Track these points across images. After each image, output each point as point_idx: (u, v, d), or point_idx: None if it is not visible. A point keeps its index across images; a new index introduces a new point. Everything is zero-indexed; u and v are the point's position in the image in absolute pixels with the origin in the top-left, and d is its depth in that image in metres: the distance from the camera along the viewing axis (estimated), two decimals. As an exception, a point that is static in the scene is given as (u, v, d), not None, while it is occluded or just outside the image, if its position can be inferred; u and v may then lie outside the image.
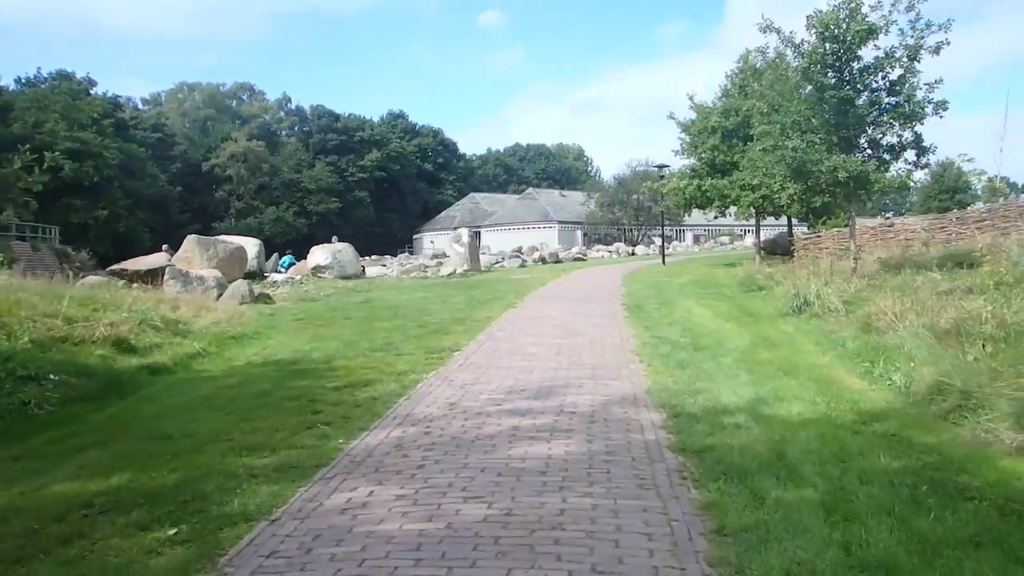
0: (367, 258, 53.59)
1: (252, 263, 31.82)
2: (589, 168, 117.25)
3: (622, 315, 16.58)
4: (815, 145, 16.65)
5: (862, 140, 17.31)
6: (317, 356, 12.17)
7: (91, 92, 73.48)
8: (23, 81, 72.21)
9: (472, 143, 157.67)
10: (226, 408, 8.74)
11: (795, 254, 29.26)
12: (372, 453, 6.74)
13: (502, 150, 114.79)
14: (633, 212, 66.22)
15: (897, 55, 16.48)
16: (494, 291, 23.86)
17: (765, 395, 8.42)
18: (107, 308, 14.43)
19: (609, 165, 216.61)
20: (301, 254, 39.06)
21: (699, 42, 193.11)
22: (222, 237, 32.84)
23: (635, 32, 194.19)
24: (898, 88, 16.64)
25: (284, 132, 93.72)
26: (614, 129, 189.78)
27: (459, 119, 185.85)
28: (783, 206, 20.39)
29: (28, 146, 31.23)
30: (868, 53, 16.83)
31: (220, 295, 22.56)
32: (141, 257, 26.85)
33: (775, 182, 19.00)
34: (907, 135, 16.86)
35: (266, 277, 30.42)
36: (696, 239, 72.78)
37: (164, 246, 39.99)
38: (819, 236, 27.95)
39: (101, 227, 62.13)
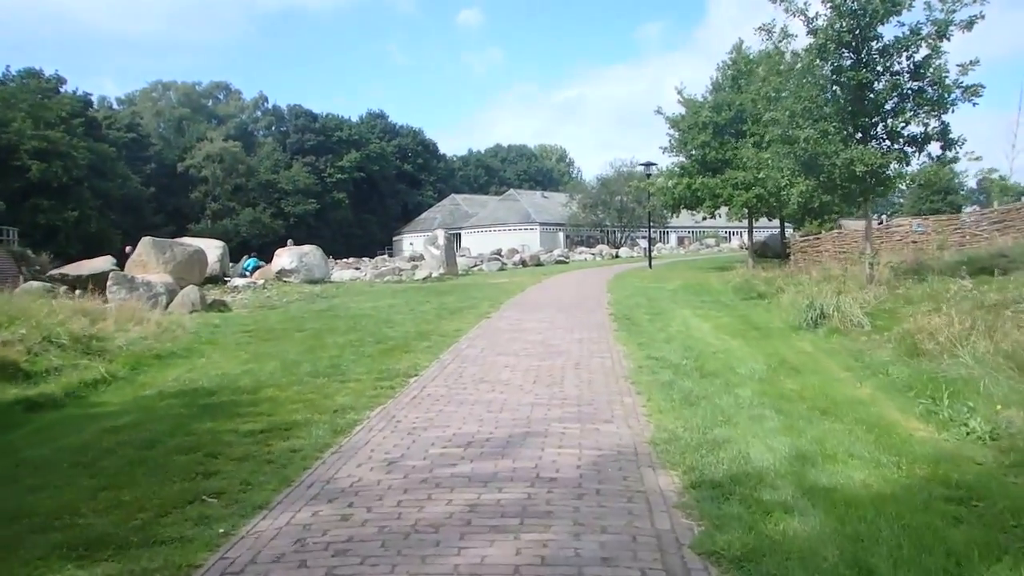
0: (341, 261, 51.37)
1: (214, 267, 29.50)
2: (571, 169, 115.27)
3: (610, 328, 14.43)
4: (829, 135, 14.53)
5: (879, 129, 15.20)
6: (245, 383, 9.92)
7: (60, 90, 70.79)
8: None
9: (453, 144, 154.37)
10: (94, 467, 6.49)
11: (791, 257, 27.23)
12: (257, 558, 4.52)
13: (483, 151, 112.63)
14: (616, 214, 64.21)
15: (923, 32, 14.38)
16: (469, 297, 21.68)
17: (807, 449, 6.28)
18: (13, 322, 12.17)
19: (591, 166, 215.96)
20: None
21: (680, 42, 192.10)
22: (182, 240, 30.38)
23: (614, 32, 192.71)
24: (923, 71, 14.55)
25: (261, 132, 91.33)
26: (595, 130, 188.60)
27: (439, 120, 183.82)
28: (793, 205, 18.32)
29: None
30: (889, 31, 14.74)
31: (169, 302, 20.30)
32: (85, 261, 24.39)
33: (782, 177, 16.90)
34: (933, 124, 14.74)
35: (227, 282, 28.03)
36: (680, 241, 70.85)
37: (127, 248, 37.54)
38: (818, 238, 25.94)
39: (71, 228, 59.78)
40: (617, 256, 53.66)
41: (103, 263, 23.01)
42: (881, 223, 33.48)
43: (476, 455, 6.38)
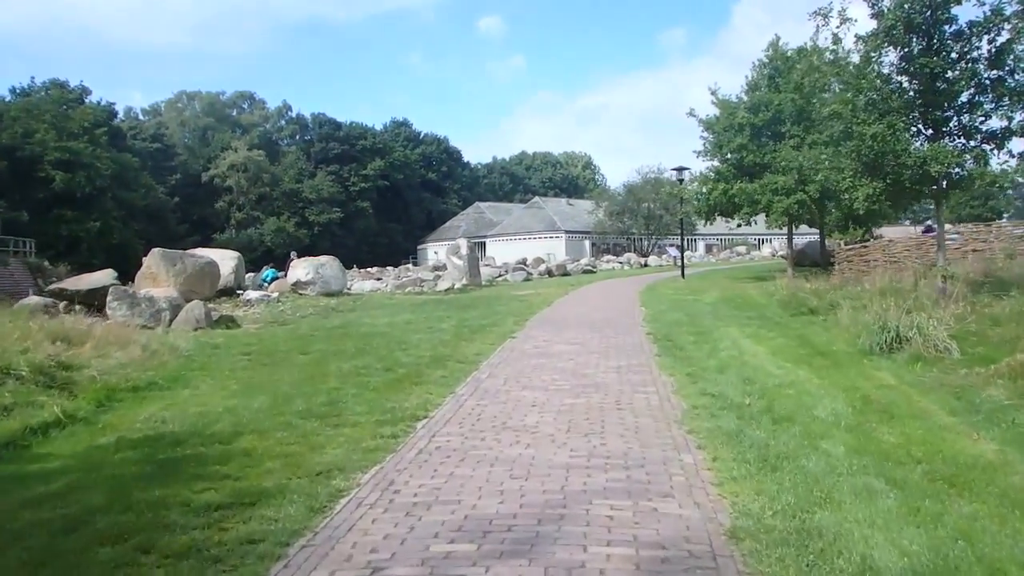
0: (362, 271, 49.86)
1: (228, 279, 27.98)
2: (597, 176, 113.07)
3: (650, 351, 12.60)
4: (898, 131, 12.61)
5: (953, 125, 13.25)
6: (222, 427, 8.22)
7: (85, 101, 70.03)
8: (17, 92, 68.72)
9: (477, 152, 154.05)
10: (-18, 566, 4.81)
11: (835, 267, 25.18)
12: None
13: (508, 158, 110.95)
14: (644, 221, 62.15)
15: (1007, 12, 12.44)
16: (492, 313, 19.93)
17: (953, 552, 4.44)
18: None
19: (614, 173, 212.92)
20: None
21: (704, 48, 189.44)
22: (195, 251, 28.87)
23: (637, 38, 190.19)
24: (1004, 57, 12.61)
25: (285, 141, 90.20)
26: (618, 137, 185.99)
27: (463, 129, 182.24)
28: (859, 210, 16.38)
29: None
30: (965, 12, 12.81)
31: (173, 319, 18.76)
32: (85, 274, 22.89)
33: (843, 179, 14.93)
34: (1018, 118, 12.77)
35: (240, 295, 26.46)
36: (709, 249, 68.61)
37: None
38: (866, 247, 23.87)
39: (94, 239, 58.64)
40: (646, 265, 51.65)
41: (103, 277, 21.46)
42: (930, 230, 31.37)
43: (494, 556, 4.60)
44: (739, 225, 30.89)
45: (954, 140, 13.27)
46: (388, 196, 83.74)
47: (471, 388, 9.99)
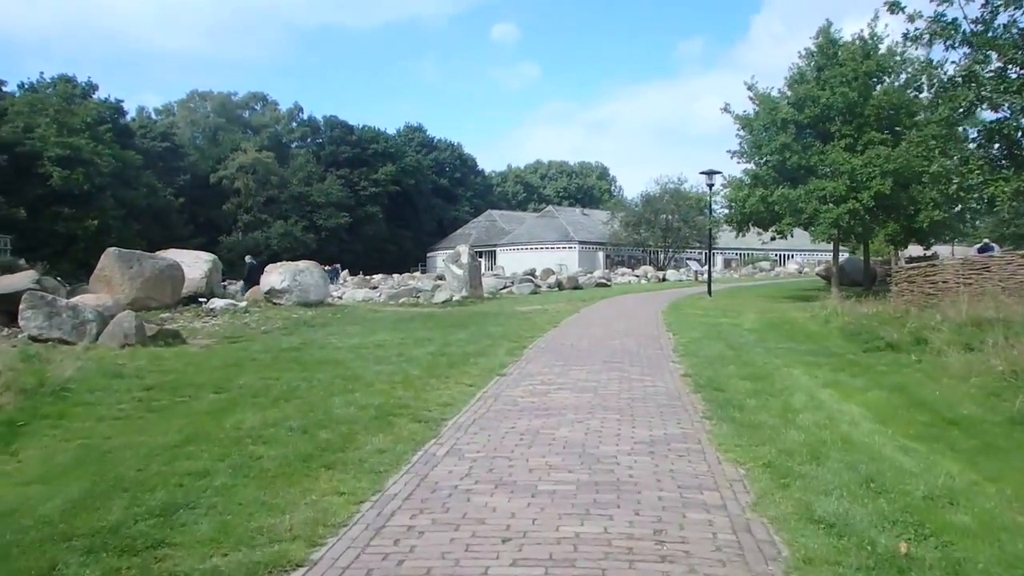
0: (355, 278, 46.02)
1: (199, 284, 23.92)
2: (612, 187, 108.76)
3: (694, 409, 8.56)
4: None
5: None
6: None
7: (92, 97, 67.10)
8: (25, 87, 65.81)
9: (491, 160, 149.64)
10: None
11: (892, 288, 20.98)
12: None
13: (523, 167, 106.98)
14: (661, 233, 58.04)
15: None
16: (484, 334, 15.97)
17: None
18: None
19: (629, 184, 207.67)
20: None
21: (719, 60, 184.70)
22: (160, 253, 24.90)
23: (652, 49, 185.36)
24: None
25: (295, 143, 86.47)
26: (632, 148, 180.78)
27: (476, 137, 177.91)
28: (1003, 213, 12.46)
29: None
30: None
31: (100, 332, 14.87)
32: (4, 276, 18.90)
33: (973, 172, 10.87)
34: None
35: (202, 303, 22.55)
36: (727, 264, 64.36)
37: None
38: (934, 265, 19.65)
39: (91, 237, 55.24)
40: (664, 279, 47.44)
41: (22, 280, 17.41)
42: (987, 249, 27.25)
43: None
44: (772, 238, 26.82)
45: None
46: (399, 202, 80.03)
47: (411, 483, 5.98)
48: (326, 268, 54.15)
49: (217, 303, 22.36)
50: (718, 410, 8.34)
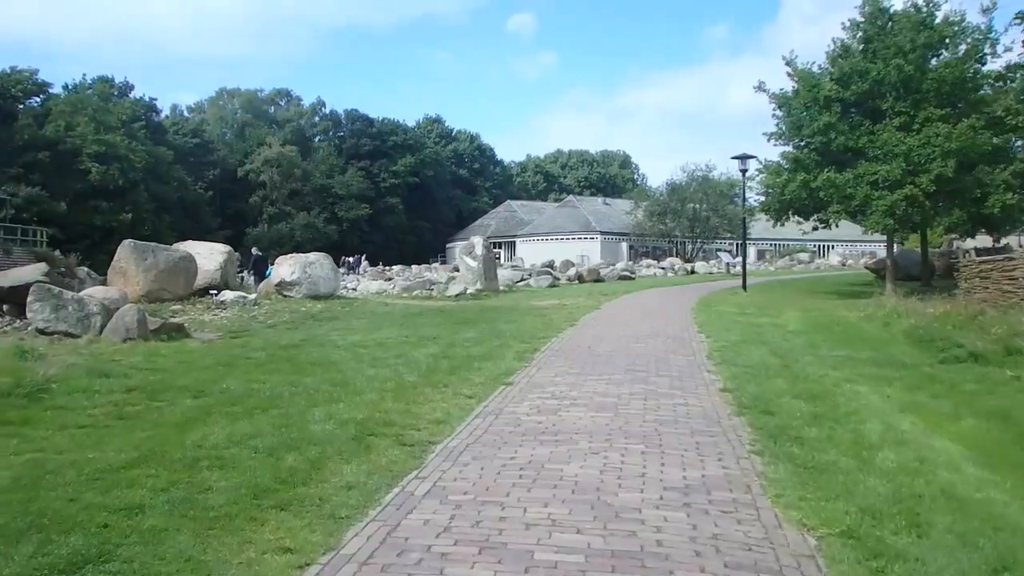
0: (372, 269, 44.44)
1: (212, 276, 23.28)
2: (635, 176, 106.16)
3: (738, 438, 6.71)
4: None
5: None
6: None
7: (128, 96, 70.53)
8: (68, 88, 67.56)
9: (510, 150, 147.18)
10: None
11: (960, 284, 18.76)
12: None
13: (542, 156, 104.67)
14: (688, 223, 55.76)
15: None
16: (494, 333, 14.27)
17: None
18: None
19: (652, 173, 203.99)
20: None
21: (745, 45, 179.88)
22: (177, 245, 24.25)
23: (674, 35, 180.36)
24: None
25: (318, 137, 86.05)
26: (655, 136, 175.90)
27: (496, 127, 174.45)
28: (992, 211, 10.53)
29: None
30: None
31: (104, 325, 14.11)
32: (11, 270, 18.29)
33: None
34: None
35: (214, 295, 21.41)
36: (761, 255, 61.89)
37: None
38: (1012, 259, 17.18)
39: (125, 230, 56.33)
40: (692, 272, 45.26)
41: (30, 272, 16.91)
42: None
43: None
44: (815, 228, 24.62)
45: None
46: (418, 193, 79.00)
47: (375, 539, 4.48)
48: (349, 259, 54.23)
49: (228, 295, 21.75)
50: (770, 442, 6.47)
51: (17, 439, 6.54)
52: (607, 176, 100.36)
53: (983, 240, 26.35)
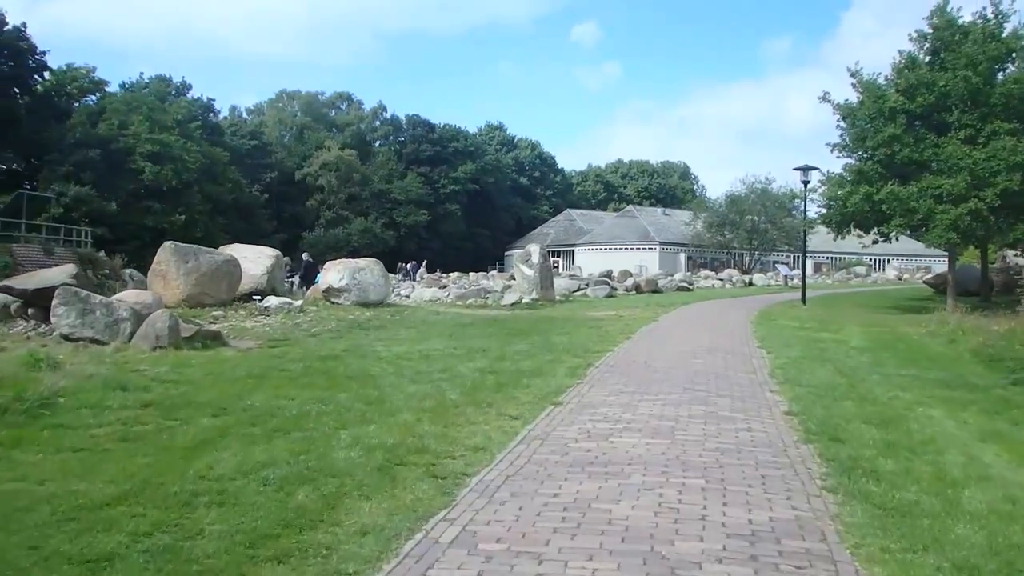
0: (428, 276, 44.32)
1: (259, 281, 22.43)
2: (695, 187, 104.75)
3: (807, 472, 6.17)
4: None
5: None
6: None
7: (185, 95, 69.57)
8: (125, 87, 67.61)
9: (572, 160, 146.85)
10: None
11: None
12: None
13: (603, 166, 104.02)
14: (747, 235, 54.65)
15: None
16: (547, 346, 13.87)
17: None
18: None
19: (712, 185, 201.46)
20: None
21: (806, 58, 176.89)
22: (222, 248, 23.72)
23: (736, 48, 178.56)
24: None
25: (378, 142, 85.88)
26: (715, 148, 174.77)
27: (557, 137, 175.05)
28: None
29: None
30: None
31: (134, 331, 13.35)
32: (41, 271, 17.62)
33: None
34: None
35: (258, 301, 21.10)
36: (817, 268, 60.34)
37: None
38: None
39: (178, 231, 55.92)
40: (750, 284, 44.28)
41: (57, 274, 16.00)
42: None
43: None
44: (875, 241, 23.77)
45: None
46: (478, 200, 78.75)
47: None
48: (407, 265, 53.88)
49: (272, 301, 20.83)
50: (844, 477, 5.95)
51: (1, 464, 6.00)
52: (667, 187, 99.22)
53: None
